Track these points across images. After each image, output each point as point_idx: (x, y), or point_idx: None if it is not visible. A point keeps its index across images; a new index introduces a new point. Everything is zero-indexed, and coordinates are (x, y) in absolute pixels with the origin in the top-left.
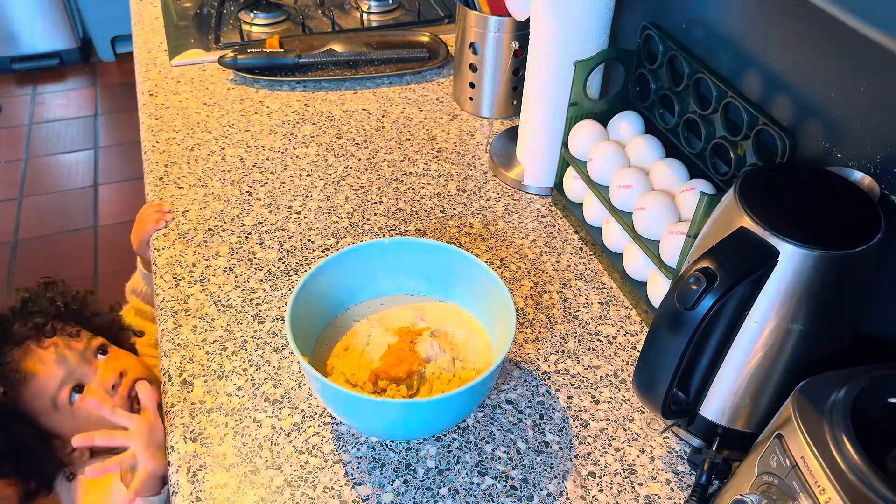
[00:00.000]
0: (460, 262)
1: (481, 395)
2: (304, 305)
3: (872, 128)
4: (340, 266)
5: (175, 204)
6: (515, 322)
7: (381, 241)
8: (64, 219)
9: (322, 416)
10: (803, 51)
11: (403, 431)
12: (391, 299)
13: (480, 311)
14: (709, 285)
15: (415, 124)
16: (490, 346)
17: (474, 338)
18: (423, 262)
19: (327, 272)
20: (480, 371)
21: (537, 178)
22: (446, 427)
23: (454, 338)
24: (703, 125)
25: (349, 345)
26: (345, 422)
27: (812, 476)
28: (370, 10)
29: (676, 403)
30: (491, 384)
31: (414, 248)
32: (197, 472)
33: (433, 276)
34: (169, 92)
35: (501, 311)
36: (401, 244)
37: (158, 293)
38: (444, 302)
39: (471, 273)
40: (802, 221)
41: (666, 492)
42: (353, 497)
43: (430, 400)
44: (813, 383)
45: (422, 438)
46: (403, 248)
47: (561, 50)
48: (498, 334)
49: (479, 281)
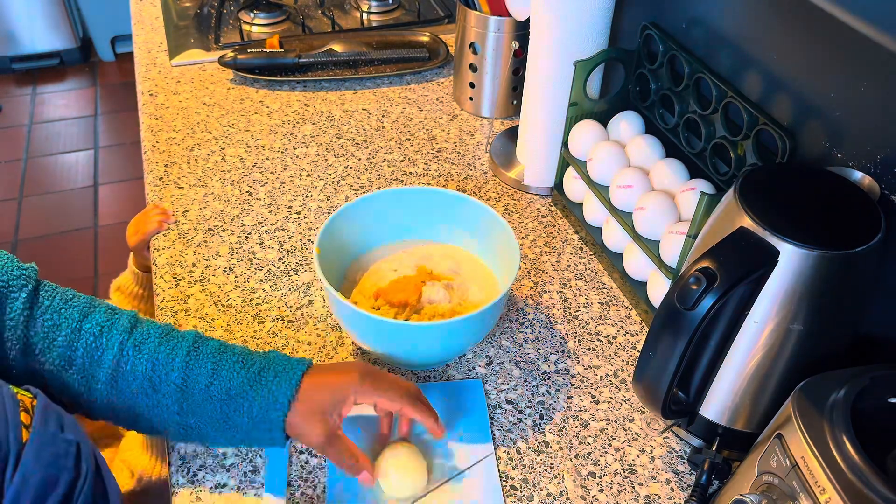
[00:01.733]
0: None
1: (457, 333)
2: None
3: (872, 128)
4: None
5: (175, 204)
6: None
7: (443, 190)
8: (64, 219)
9: None
10: (803, 51)
11: (379, 343)
12: (442, 247)
13: (503, 277)
14: (709, 285)
15: (415, 124)
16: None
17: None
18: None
19: (383, 200)
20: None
21: (537, 178)
22: (423, 359)
23: (467, 295)
24: (703, 125)
25: (381, 268)
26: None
27: (812, 476)
28: (370, 10)
29: (676, 403)
30: (466, 332)
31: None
32: (197, 472)
33: (484, 240)
34: (169, 92)
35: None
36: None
37: (158, 293)
38: (483, 263)
39: (509, 248)
40: (802, 221)
41: (666, 492)
42: None
43: (399, 323)
44: (813, 383)
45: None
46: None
47: (561, 50)
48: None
49: (507, 250)
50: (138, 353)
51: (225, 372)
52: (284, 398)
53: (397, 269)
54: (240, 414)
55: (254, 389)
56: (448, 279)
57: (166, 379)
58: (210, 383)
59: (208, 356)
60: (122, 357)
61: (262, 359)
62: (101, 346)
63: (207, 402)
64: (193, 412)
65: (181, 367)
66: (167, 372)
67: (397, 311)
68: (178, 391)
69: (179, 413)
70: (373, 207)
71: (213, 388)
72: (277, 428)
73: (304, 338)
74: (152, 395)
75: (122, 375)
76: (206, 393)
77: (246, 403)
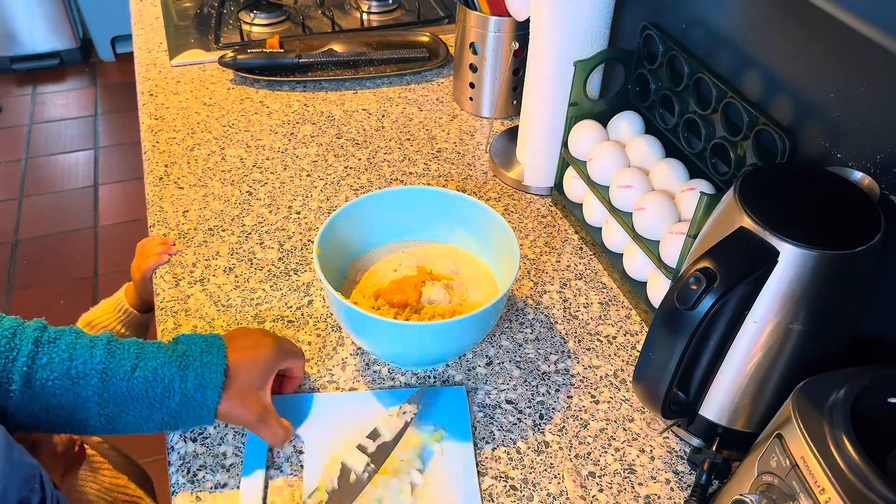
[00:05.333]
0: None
1: (457, 333)
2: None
3: (872, 128)
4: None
5: (175, 204)
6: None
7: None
8: (64, 219)
9: None
10: (803, 51)
11: (377, 347)
12: (442, 247)
13: (503, 277)
14: (709, 285)
15: (415, 124)
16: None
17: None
18: (483, 227)
19: (381, 201)
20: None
21: (537, 178)
22: (421, 359)
23: (467, 295)
24: (703, 125)
25: (381, 268)
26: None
27: (812, 476)
28: (370, 10)
29: (676, 403)
30: (466, 332)
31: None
32: (197, 472)
33: (484, 241)
34: (169, 92)
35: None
36: (459, 198)
37: (158, 293)
38: (484, 263)
39: (509, 248)
40: (802, 221)
41: (666, 492)
42: None
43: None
44: (813, 383)
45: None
46: (465, 204)
47: (561, 50)
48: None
49: (509, 252)
50: (54, 347)
51: (150, 354)
52: (217, 376)
53: (397, 269)
54: (170, 394)
55: (182, 369)
56: (448, 279)
57: (85, 368)
58: (135, 366)
59: (130, 344)
60: (38, 352)
61: (182, 342)
62: (16, 347)
63: (133, 386)
64: (115, 400)
65: (102, 354)
66: (86, 360)
67: (397, 312)
68: (98, 379)
69: (100, 403)
70: (372, 207)
71: (138, 370)
72: (210, 407)
73: (304, 338)
74: (70, 389)
75: (37, 371)
76: (130, 377)
77: (176, 383)
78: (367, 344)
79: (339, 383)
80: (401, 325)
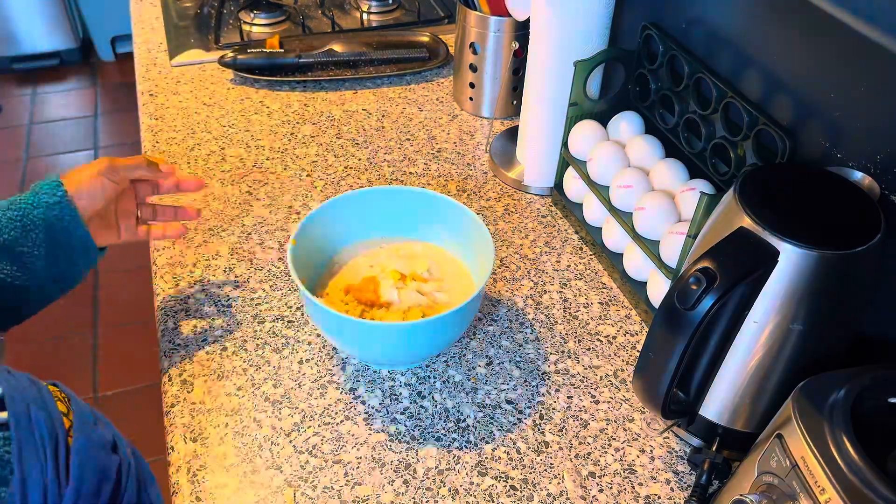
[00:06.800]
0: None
1: (420, 335)
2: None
3: (872, 128)
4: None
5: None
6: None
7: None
8: None
9: (322, 416)
10: (803, 51)
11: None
12: (423, 245)
13: (477, 272)
14: (709, 285)
15: (415, 124)
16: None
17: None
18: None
19: (352, 203)
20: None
21: (537, 178)
22: (385, 359)
23: (442, 295)
24: (703, 125)
25: (358, 263)
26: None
27: (812, 476)
28: (370, 10)
29: (676, 403)
30: (433, 333)
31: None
32: (197, 472)
33: (462, 240)
34: (169, 92)
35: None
36: (430, 196)
37: (158, 293)
38: (461, 263)
39: (486, 248)
40: (802, 221)
41: (666, 492)
42: (353, 497)
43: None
44: (813, 383)
45: (382, 367)
46: (444, 204)
47: (561, 50)
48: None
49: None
50: None
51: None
52: (49, 182)
53: (373, 265)
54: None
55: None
56: (422, 280)
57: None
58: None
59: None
60: None
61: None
62: None
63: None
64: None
65: None
66: None
67: (364, 309)
68: None
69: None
70: (354, 205)
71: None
72: (56, 194)
73: (304, 338)
74: None
75: None
76: None
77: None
78: (332, 339)
79: (340, 383)
80: (357, 323)
